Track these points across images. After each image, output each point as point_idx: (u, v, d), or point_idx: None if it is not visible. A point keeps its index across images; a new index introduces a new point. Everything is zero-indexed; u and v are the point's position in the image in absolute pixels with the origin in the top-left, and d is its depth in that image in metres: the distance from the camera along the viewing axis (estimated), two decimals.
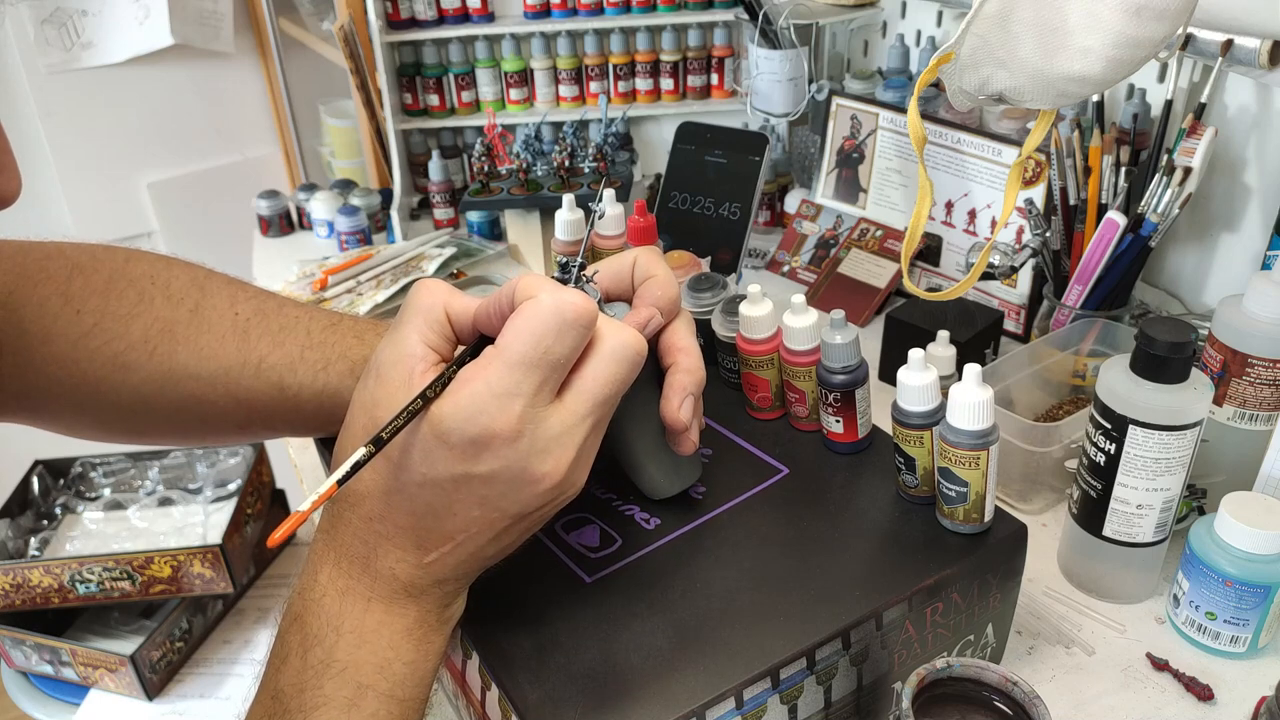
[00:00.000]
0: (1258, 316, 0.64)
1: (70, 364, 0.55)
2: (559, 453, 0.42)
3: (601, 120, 1.25)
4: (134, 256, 0.60)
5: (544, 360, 0.41)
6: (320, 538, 0.47)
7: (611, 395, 0.44)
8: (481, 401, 0.41)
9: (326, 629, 0.44)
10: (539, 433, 0.42)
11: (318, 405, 0.59)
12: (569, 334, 0.41)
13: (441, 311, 0.45)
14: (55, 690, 1.13)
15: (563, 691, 0.46)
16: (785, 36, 1.09)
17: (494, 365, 0.41)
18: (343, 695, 0.44)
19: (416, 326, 0.45)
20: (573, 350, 0.42)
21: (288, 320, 0.60)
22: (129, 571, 1.06)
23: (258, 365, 0.58)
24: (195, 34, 1.81)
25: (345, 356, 0.60)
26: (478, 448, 0.41)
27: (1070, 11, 0.53)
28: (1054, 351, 0.80)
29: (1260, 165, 0.87)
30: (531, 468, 0.42)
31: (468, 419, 0.41)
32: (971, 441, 0.52)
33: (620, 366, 0.44)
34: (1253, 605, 0.59)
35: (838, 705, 0.51)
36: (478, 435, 0.41)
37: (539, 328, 0.41)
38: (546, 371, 0.42)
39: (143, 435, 0.63)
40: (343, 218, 1.26)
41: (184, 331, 0.58)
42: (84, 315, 0.56)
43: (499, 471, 0.42)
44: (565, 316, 0.41)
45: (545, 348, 0.41)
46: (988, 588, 0.54)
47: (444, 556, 0.44)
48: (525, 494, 0.43)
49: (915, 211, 0.65)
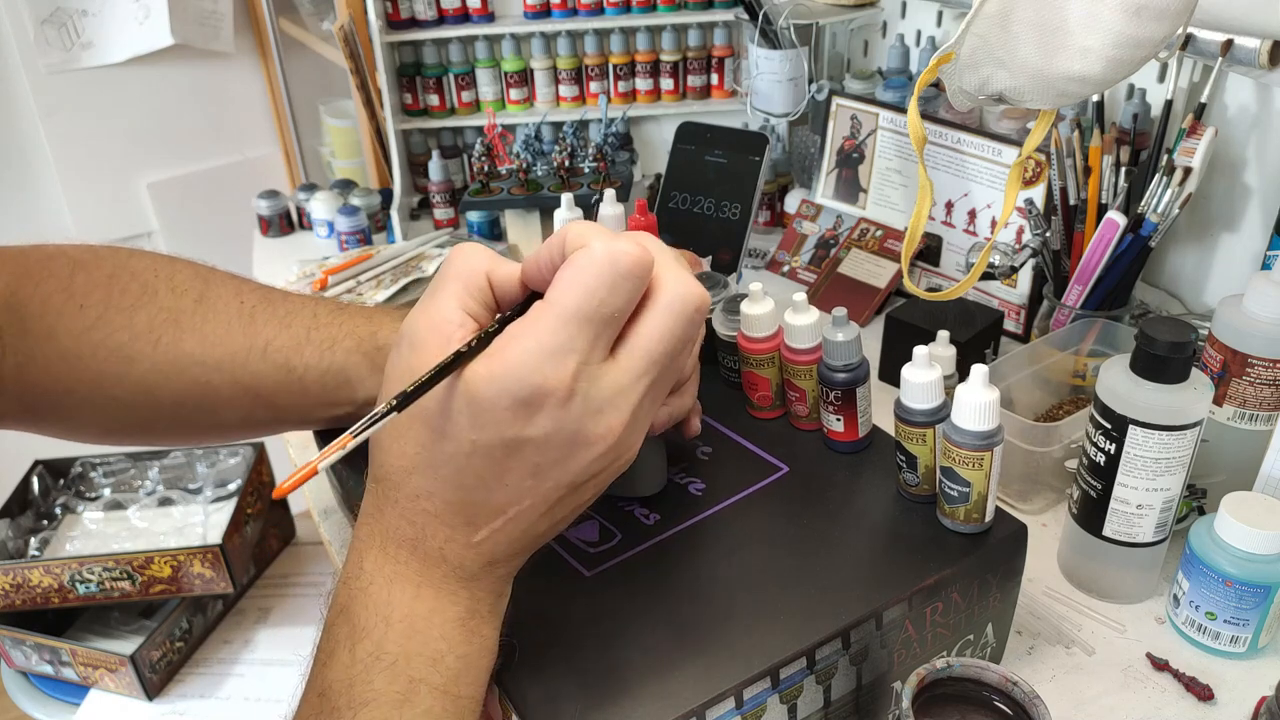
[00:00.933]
0: (1258, 316, 0.64)
1: (74, 359, 0.55)
2: (613, 414, 0.40)
3: (601, 120, 1.25)
4: (136, 254, 0.60)
5: (598, 314, 0.39)
6: (365, 523, 0.44)
7: (670, 351, 0.41)
8: (534, 359, 0.38)
9: (375, 619, 0.42)
10: (593, 392, 0.39)
11: (323, 386, 0.59)
12: (624, 285, 0.39)
13: (483, 277, 0.43)
14: (55, 690, 1.13)
15: (562, 690, 0.46)
16: (785, 36, 1.09)
17: (545, 320, 0.39)
18: (394, 690, 0.41)
19: (454, 292, 0.42)
20: (628, 302, 0.40)
21: (294, 305, 0.60)
22: (129, 571, 1.06)
23: (264, 348, 0.58)
24: (195, 34, 1.81)
25: (353, 334, 0.59)
26: (530, 409, 0.39)
27: (1070, 11, 0.53)
28: (1054, 351, 0.80)
29: (1260, 165, 0.87)
30: (586, 429, 0.40)
31: (519, 379, 0.38)
32: (976, 442, 0.52)
33: (678, 321, 0.41)
34: (1253, 605, 0.59)
35: (837, 705, 0.51)
36: (530, 395, 0.38)
37: (592, 280, 0.38)
38: (600, 326, 0.39)
39: (146, 432, 0.62)
40: (343, 218, 1.26)
41: (189, 320, 0.57)
42: (87, 309, 0.55)
43: (552, 434, 0.40)
44: (620, 266, 0.39)
45: (600, 300, 0.39)
46: (988, 587, 0.54)
47: (494, 534, 0.42)
48: (580, 459, 0.41)
49: (915, 211, 0.65)
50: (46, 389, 0.55)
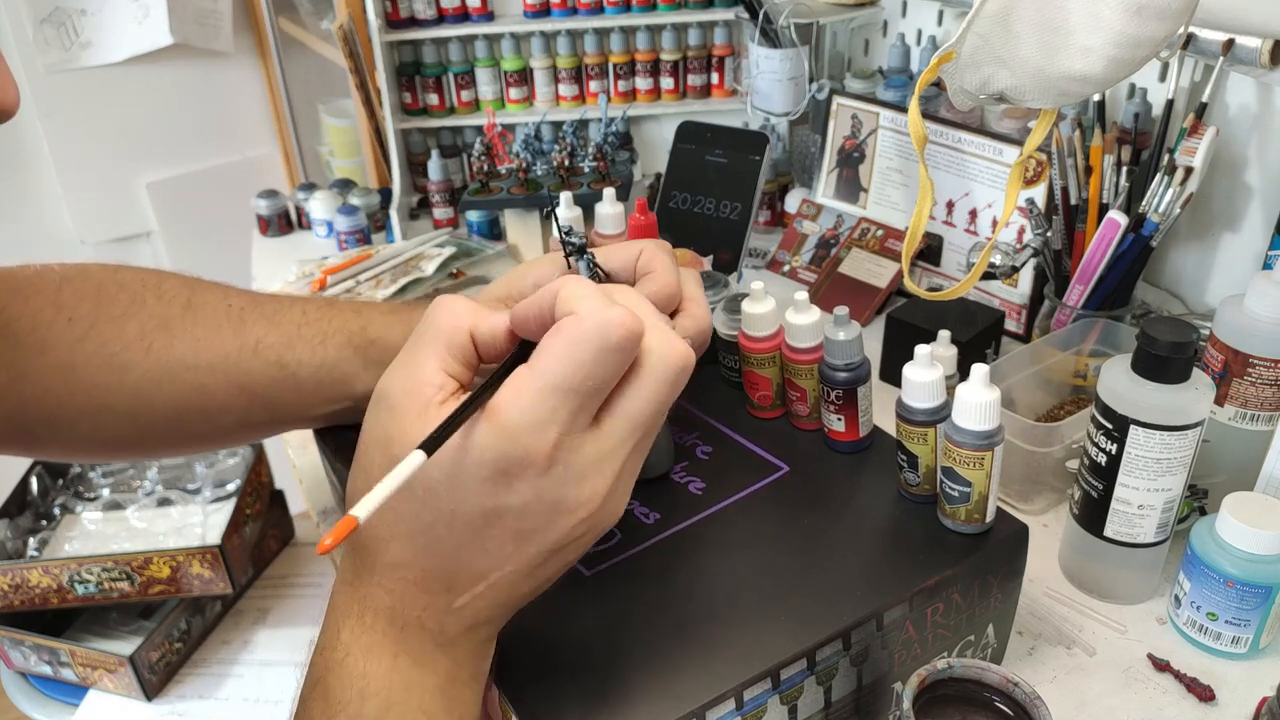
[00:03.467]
0: (1259, 316, 0.64)
1: (67, 371, 0.55)
2: (596, 480, 0.39)
3: (601, 120, 1.25)
4: (122, 268, 0.60)
5: (584, 386, 0.38)
6: (341, 589, 0.43)
7: (653, 415, 0.41)
8: (514, 430, 0.38)
9: (351, 693, 0.41)
10: (574, 460, 0.39)
11: (318, 381, 0.59)
12: (612, 359, 0.38)
13: (466, 335, 0.41)
14: (54, 691, 1.13)
15: (562, 691, 0.46)
16: (786, 35, 1.09)
17: (527, 390, 0.38)
18: None
19: (435, 351, 0.41)
20: (614, 374, 0.39)
21: (281, 304, 0.60)
22: (128, 572, 1.06)
23: (255, 346, 0.58)
24: (194, 33, 1.81)
25: (343, 329, 0.59)
26: (510, 478, 0.38)
27: (1071, 11, 0.53)
28: (1055, 351, 0.80)
29: (1262, 165, 0.87)
30: (568, 497, 0.39)
31: (499, 449, 0.38)
32: (977, 442, 0.52)
33: (663, 386, 0.40)
34: (1254, 606, 0.59)
35: (837, 705, 0.51)
36: (509, 466, 0.38)
37: (579, 352, 0.37)
38: (585, 398, 0.38)
39: (143, 443, 0.61)
40: (342, 217, 1.25)
41: (179, 325, 0.57)
42: (76, 322, 0.55)
43: (532, 502, 0.39)
44: (610, 339, 0.38)
45: (586, 373, 0.38)
46: (988, 588, 0.54)
47: (475, 599, 0.41)
48: (561, 525, 0.40)
49: (916, 211, 0.65)
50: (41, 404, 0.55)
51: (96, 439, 0.59)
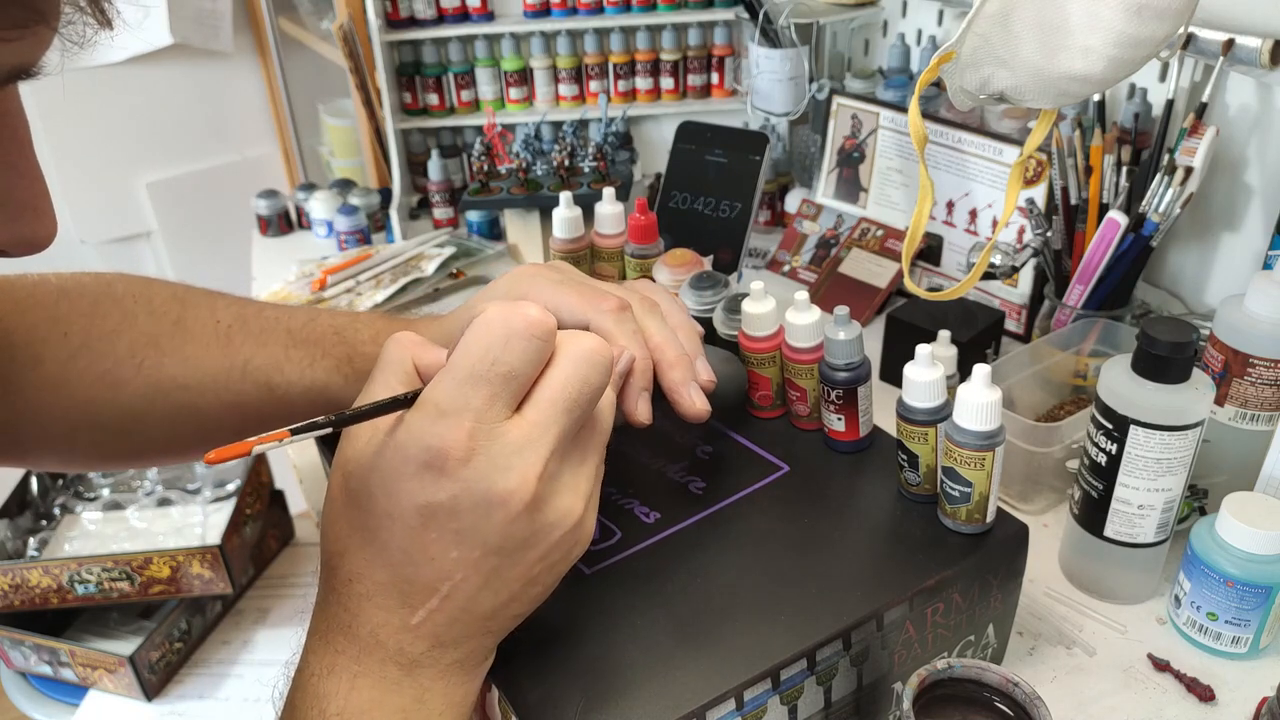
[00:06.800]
0: (1259, 316, 0.64)
1: (60, 385, 0.55)
2: (523, 467, 0.40)
3: (601, 120, 1.25)
4: (117, 279, 0.60)
5: (492, 372, 0.39)
6: (315, 612, 0.44)
7: (575, 399, 0.41)
8: (428, 422, 0.39)
9: (313, 713, 0.41)
10: (495, 449, 0.39)
11: (309, 401, 0.59)
12: (518, 344, 0.40)
13: (410, 364, 0.44)
14: (54, 691, 1.13)
15: (562, 690, 0.46)
16: (786, 35, 1.09)
17: (441, 384, 0.40)
18: None
19: (384, 381, 0.43)
20: (524, 360, 0.40)
21: (267, 323, 0.60)
22: (128, 572, 1.06)
23: (244, 367, 0.58)
24: (194, 33, 1.81)
25: (329, 354, 0.60)
26: (433, 472, 0.39)
27: (1071, 11, 0.53)
28: (1055, 351, 0.80)
29: (1261, 165, 0.87)
30: (494, 486, 0.39)
31: (417, 442, 0.39)
32: (978, 442, 0.52)
33: (579, 367, 0.41)
34: (1254, 606, 0.59)
35: (838, 705, 0.51)
36: (430, 458, 0.39)
37: (484, 339, 0.40)
38: (497, 385, 0.39)
39: (139, 455, 0.62)
40: (342, 217, 1.25)
41: (168, 343, 0.57)
42: (71, 336, 0.55)
43: (460, 495, 0.39)
44: (513, 325, 0.40)
45: (492, 359, 0.39)
46: (989, 588, 0.54)
47: (433, 614, 0.41)
48: (497, 519, 0.40)
49: (916, 211, 0.65)
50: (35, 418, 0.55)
51: (92, 452, 0.59)
